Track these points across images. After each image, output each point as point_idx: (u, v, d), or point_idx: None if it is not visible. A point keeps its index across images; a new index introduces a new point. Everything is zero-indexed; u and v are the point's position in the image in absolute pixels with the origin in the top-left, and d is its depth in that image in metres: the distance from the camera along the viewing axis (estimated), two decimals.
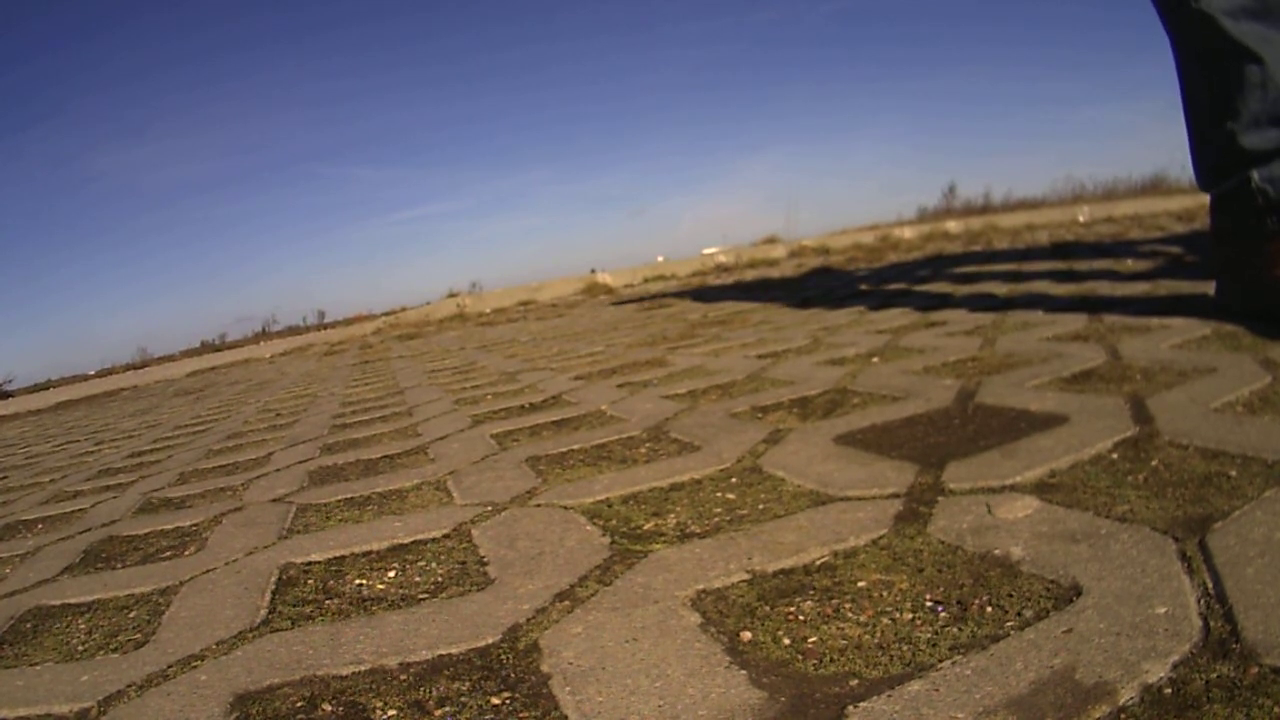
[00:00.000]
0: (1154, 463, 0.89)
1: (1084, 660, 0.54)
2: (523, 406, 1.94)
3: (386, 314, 9.64)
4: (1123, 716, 0.49)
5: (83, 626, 0.95)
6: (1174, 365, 1.30)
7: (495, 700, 0.62)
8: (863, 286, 3.94)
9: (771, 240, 9.71)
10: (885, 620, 0.65)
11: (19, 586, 1.17)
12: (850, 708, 0.54)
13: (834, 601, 0.69)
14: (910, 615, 0.65)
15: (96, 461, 2.53)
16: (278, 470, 1.71)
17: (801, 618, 0.67)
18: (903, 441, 1.11)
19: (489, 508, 1.13)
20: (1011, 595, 0.65)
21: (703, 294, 5.10)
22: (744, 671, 0.61)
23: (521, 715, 0.60)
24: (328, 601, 0.89)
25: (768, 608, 0.70)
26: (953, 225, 9.51)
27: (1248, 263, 1.50)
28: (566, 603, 0.77)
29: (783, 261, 8.04)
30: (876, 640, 0.62)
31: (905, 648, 0.60)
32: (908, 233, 9.03)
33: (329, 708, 0.65)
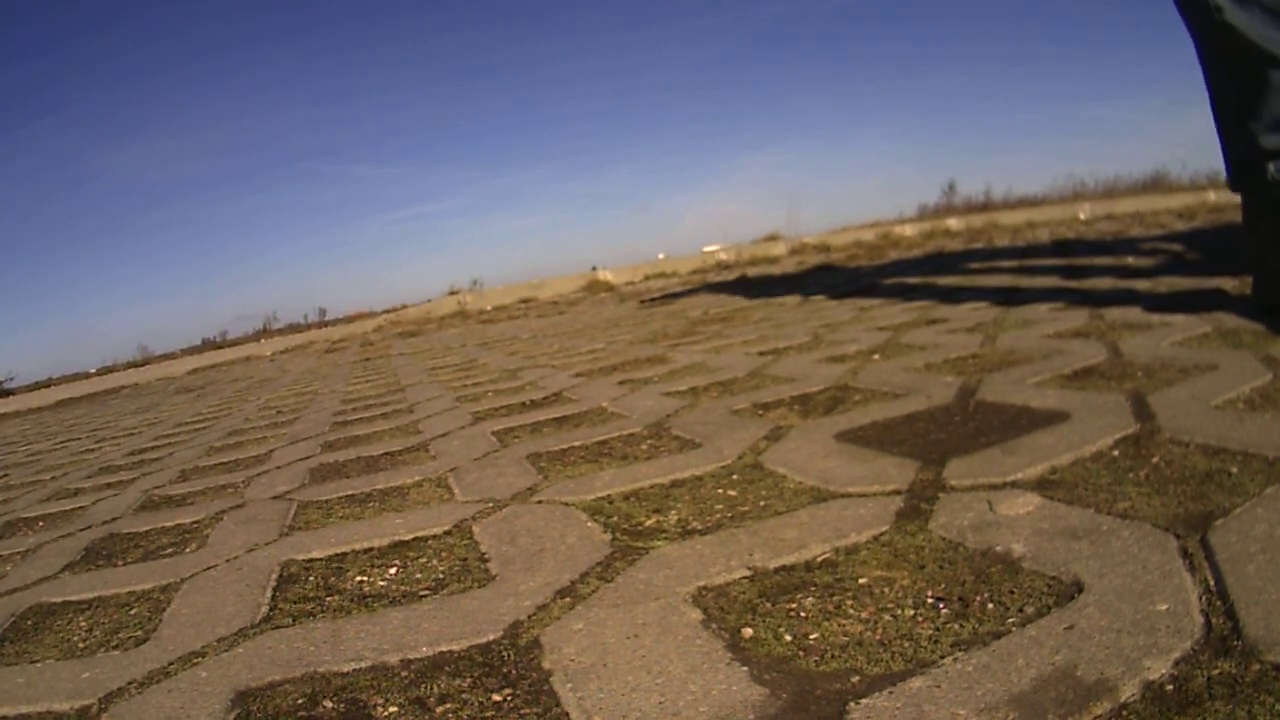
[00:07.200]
0: (1155, 460, 0.88)
1: (1085, 657, 0.54)
2: (524, 404, 1.94)
3: (387, 311, 9.64)
4: (1124, 713, 0.49)
5: (84, 624, 0.96)
6: (1175, 362, 1.30)
7: (496, 697, 0.62)
8: (864, 284, 3.93)
9: (773, 238, 9.71)
10: (887, 617, 0.65)
11: (20, 584, 1.17)
12: (852, 704, 0.54)
13: (835, 598, 0.69)
14: (912, 612, 0.65)
15: (97, 459, 2.53)
16: (279, 467, 1.71)
17: (803, 614, 0.67)
18: (904, 438, 1.11)
19: (490, 504, 1.13)
20: (1013, 592, 0.65)
21: (704, 291, 5.10)
22: (745, 668, 0.61)
23: (523, 712, 0.60)
24: (329, 598, 0.89)
25: (769, 604, 0.70)
26: (954, 223, 9.50)
27: (1270, 255, 1.52)
28: (568, 599, 0.77)
29: (784, 259, 8.04)
30: (878, 637, 0.62)
31: (907, 644, 0.60)
32: (909, 230, 9.03)
33: (330, 704, 0.65)
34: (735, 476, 1.07)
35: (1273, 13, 1.43)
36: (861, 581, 0.71)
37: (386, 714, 0.63)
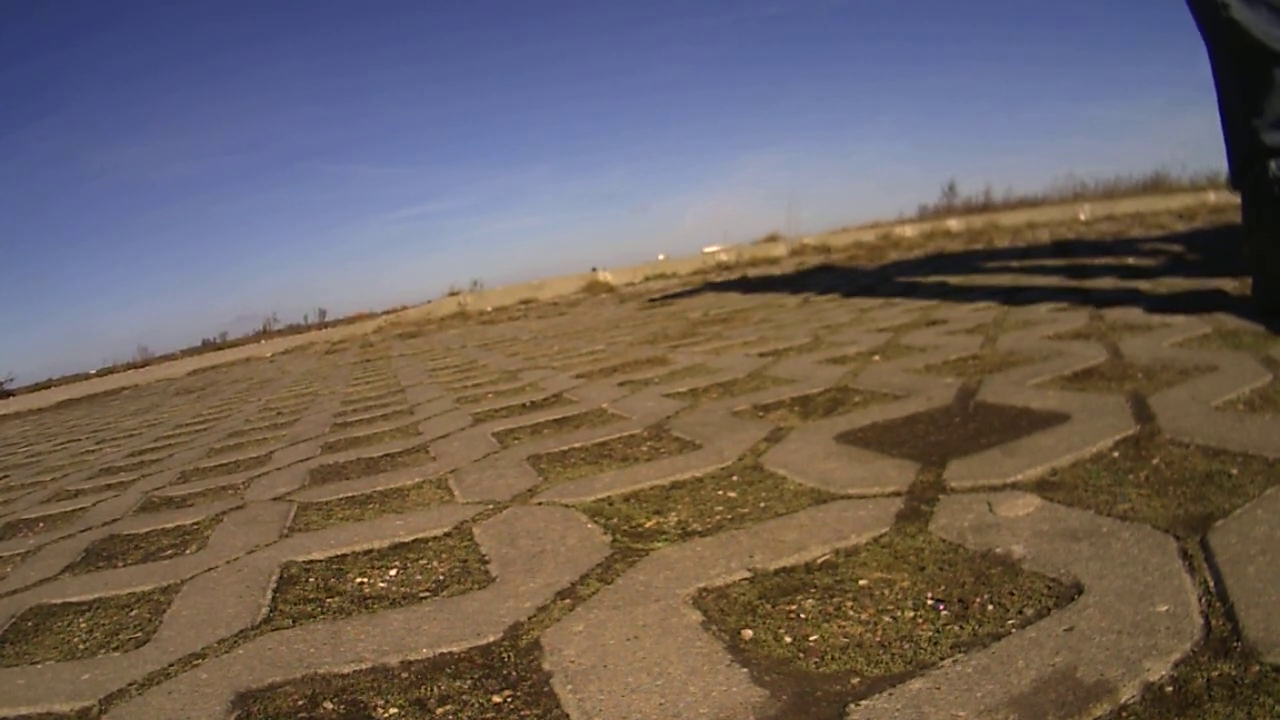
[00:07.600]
0: (1155, 461, 0.88)
1: (1085, 658, 0.54)
2: (524, 405, 1.94)
3: (387, 312, 9.64)
4: (1124, 715, 0.49)
5: (84, 625, 0.96)
6: (1175, 363, 1.30)
7: (496, 698, 0.62)
8: (864, 285, 3.93)
9: (773, 238, 9.70)
10: (887, 618, 0.65)
11: (20, 585, 1.17)
12: (852, 706, 0.54)
13: (835, 600, 0.69)
14: (912, 613, 0.65)
15: (97, 460, 2.53)
16: (279, 469, 1.71)
17: (803, 616, 0.67)
18: (904, 440, 1.11)
19: (490, 506, 1.13)
20: (1013, 593, 0.65)
21: (704, 292, 5.10)
22: (745, 669, 0.61)
23: (523, 713, 0.60)
24: (329, 600, 0.89)
25: (769, 606, 0.70)
26: (954, 223, 9.50)
27: (1270, 254, 1.52)
28: (568, 601, 0.77)
29: (784, 260, 8.04)
30: (878, 638, 0.62)
31: (907, 646, 0.60)
32: (909, 231, 9.02)
33: (330, 706, 0.66)
34: (735, 478, 1.07)
35: (1279, 11, 1.44)
36: (861, 583, 0.71)
37: (387, 715, 0.63)
